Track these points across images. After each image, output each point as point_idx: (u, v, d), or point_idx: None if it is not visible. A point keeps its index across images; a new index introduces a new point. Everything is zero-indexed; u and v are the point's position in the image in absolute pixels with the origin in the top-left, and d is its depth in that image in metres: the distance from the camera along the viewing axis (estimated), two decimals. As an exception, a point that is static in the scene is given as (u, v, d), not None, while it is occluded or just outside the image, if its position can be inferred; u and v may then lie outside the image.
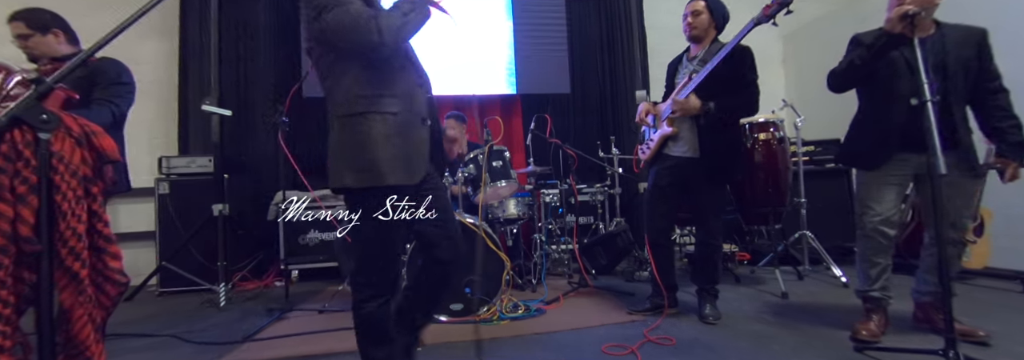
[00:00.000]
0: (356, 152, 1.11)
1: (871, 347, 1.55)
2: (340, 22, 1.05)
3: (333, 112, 1.16)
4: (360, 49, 1.10)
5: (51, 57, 1.81)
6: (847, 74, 1.69)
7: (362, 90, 1.12)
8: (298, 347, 1.86)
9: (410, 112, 1.18)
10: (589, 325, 1.97)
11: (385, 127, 1.12)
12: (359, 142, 1.11)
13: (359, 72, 1.13)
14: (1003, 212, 2.61)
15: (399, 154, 1.12)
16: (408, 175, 1.14)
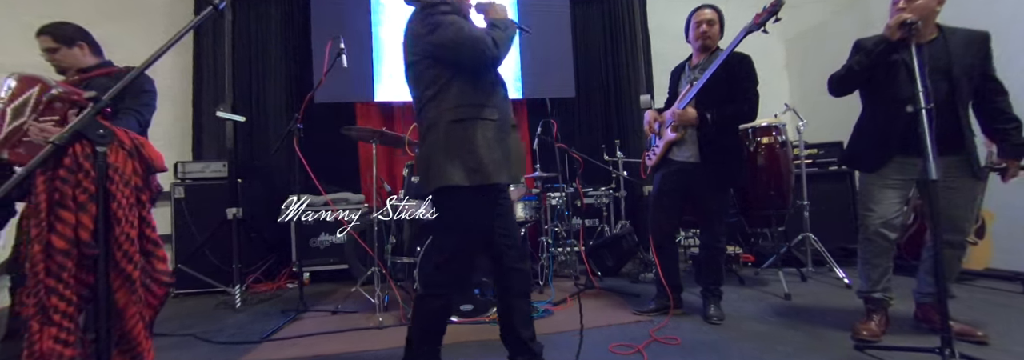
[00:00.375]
0: (464, 154, 1.21)
1: (871, 346, 1.60)
2: (459, 38, 1.20)
3: (439, 118, 1.26)
4: (476, 62, 1.24)
5: (78, 69, 1.88)
6: (847, 79, 1.75)
7: (467, 100, 1.25)
8: (314, 347, 1.92)
9: (504, 120, 1.31)
10: (596, 325, 2.02)
11: (487, 132, 1.24)
12: (467, 145, 1.22)
13: (463, 84, 1.27)
14: (1004, 214, 2.65)
15: (500, 157, 1.26)
16: (509, 176, 1.28)
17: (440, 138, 1.25)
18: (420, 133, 1.33)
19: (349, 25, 3.72)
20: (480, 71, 1.28)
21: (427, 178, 1.27)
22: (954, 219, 1.66)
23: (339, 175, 3.87)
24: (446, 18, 1.23)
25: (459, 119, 1.25)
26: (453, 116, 1.25)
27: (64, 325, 0.73)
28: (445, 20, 1.22)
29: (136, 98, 1.81)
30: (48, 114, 1.52)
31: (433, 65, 1.28)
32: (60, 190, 0.75)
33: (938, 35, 1.69)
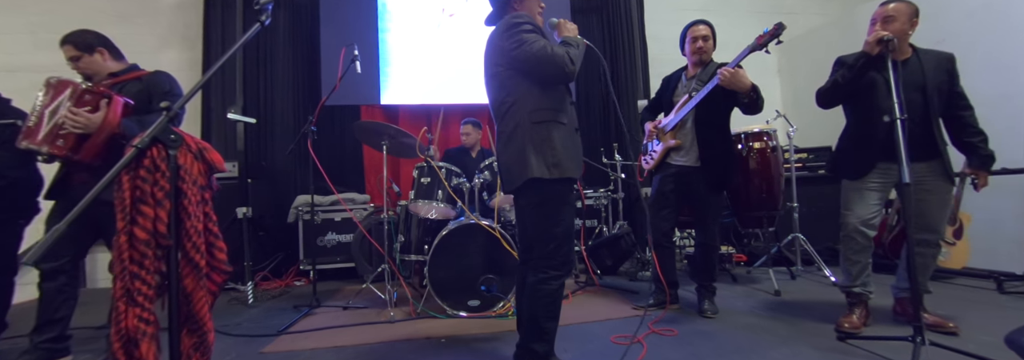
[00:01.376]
0: (546, 150, 1.39)
1: (852, 337, 1.73)
2: (543, 55, 1.36)
3: (523, 120, 1.42)
4: (557, 76, 1.41)
5: (107, 74, 1.96)
6: (832, 92, 1.88)
7: (545, 105, 1.43)
8: (329, 339, 2.02)
9: (572, 123, 1.50)
10: (597, 319, 2.14)
11: (561, 133, 1.42)
12: (548, 143, 1.39)
13: (540, 92, 1.44)
14: (981, 216, 2.80)
15: (573, 154, 1.44)
16: (577, 170, 1.46)
17: (525, 138, 1.41)
18: (502, 135, 1.49)
19: (356, 31, 3.83)
20: (554, 82, 1.45)
21: (515, 172, 1.42)
22: (929, 220, 1.81)
23: (344, 176, 3.97)
24: (531, 36, 1.39)
25: (540, 121, 1.41)
26: (534, 118, 1.41)
27: (146, 306, 0.83)
28: (530, 38, 1.38)
29: (162, 99, 1.90)
30: (81, 105, 1.64)
31: (515, 75, 1.44)
32: (140, 188, 0.85)
33: (912, 54, 1.84)
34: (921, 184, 1.80)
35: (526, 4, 1.53)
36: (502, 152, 1.49)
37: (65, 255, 1.82)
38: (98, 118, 1.67)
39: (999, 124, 2.84)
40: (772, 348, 1.70)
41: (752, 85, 1.92)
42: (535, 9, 1.55)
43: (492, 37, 1.50)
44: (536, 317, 1.38)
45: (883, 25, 1.78)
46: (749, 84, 1.90)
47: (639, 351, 1.69)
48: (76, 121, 1.63)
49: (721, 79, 1.90)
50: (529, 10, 1.52)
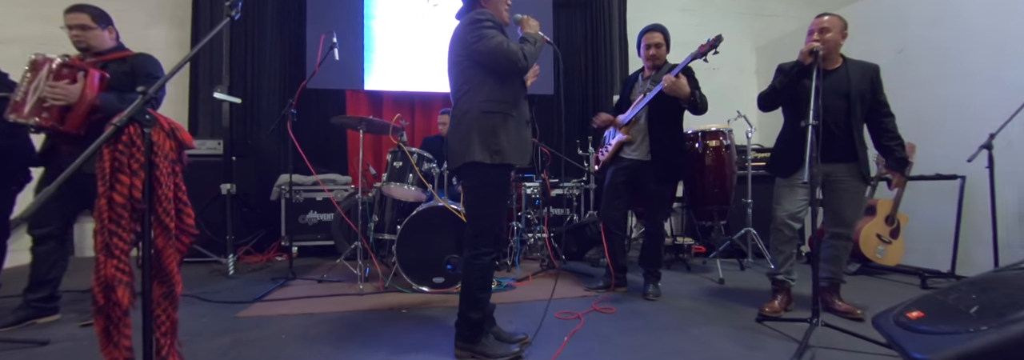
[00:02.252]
0: (490, 138, 1.51)
1: (768, 319, 1.92)
2: (498, 50, 1.49)
3: (471, 108, 1.55)
4: (509, 69, 1.54)
5: (97, 51, 2.06)
6: (770, 97, 2.04)
7: (496, 96, 1.55)
8: (301, 307, 2.20)
9: (521, 115, 1.62)
10: (545, 297, 2.31)
11: (509, 123, 1.55)
12: (492, 131, 1.52)
13: (494, 84, 1.56)
14: (916, 218, 3.01)
15: (516, 144, 1.56)
16: (521, 159, 1.58)
17: (472, 124, 1.54)
18: (454, 118, 1.61)
19: (343, 16, 3.91)
20: (509, 76, 1.58)
21: (457, 154, 1.56)
22: (843, 216, 1.99)
23: (328, 157, 4.10)
24: (490, 32, 1.51)
25: (488, 111, 1.53)
26: (484, 108, 1.54)
27: (122, 259, 0.99)
28: (489, 33, 1.51)
29: (145, 80, 2.01)
30: (60, 79, 1.77)
31: (473, 66, 1.56)
32: (119, 159, 1.00)
33: (842, 64, 1.99)
34: (839, 183, 1.98)
35: (492, 3, 1.65)
36: (451, 134, 1.62)
37: (54, 222, 1.96)
38: (76, 89, 1.79)
39: (950, 130, 3.03)
40: (695, 326, 1.89)
41: (691, 92, 2.09)
42: (500, 7, 1.66)
43: (457, 29, 1.62)
44: (470, 288, 1.55)
45: (819, 35, 1.93)
46: (688, 92, 2.09)
47: (577, 325, 1.88)
48: (55, 93, 1.76)
49: (664, 86, 2.07)
50: (494, 8, 1.64)
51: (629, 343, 1.69)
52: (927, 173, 2.91)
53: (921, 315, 1.17)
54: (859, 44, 3.95)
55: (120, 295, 0.97)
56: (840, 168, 1.97)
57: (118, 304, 0.97)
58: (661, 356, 1.56)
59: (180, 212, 1.09)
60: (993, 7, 2.96)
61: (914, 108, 3.46)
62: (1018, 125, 2.57)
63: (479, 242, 1.55)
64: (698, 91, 2.16)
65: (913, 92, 3.48)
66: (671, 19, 5.01)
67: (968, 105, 3.06)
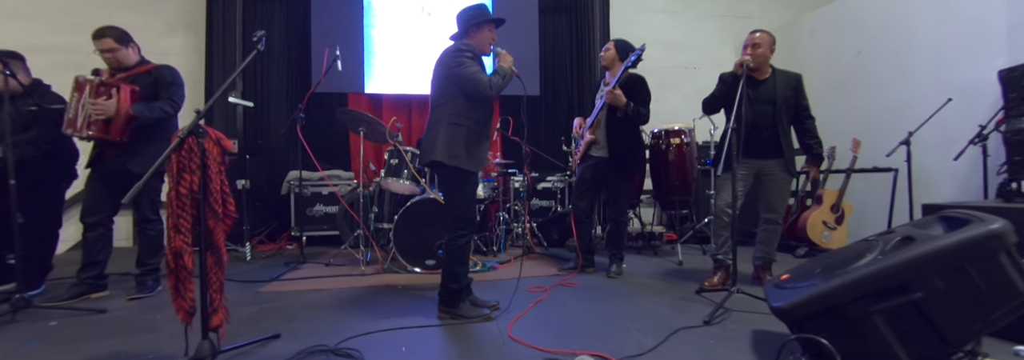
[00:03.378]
0: (452, 144, 1.85)
1: (704, 290, 2.28)
2: (471, 78, 1.84)
3: (442, 118, 1.89)
4: (475, 95, 1.88)
5: (125, 66, 2.38)
6: (711, 102, 2.38)
7: (462, 112, 1.90)
8: (312, 285, 2.57)
9: (482, 131, 1.95)
10: (524, 276, 2.69)
11: (471, 135, 1.89)
12: (455, 139, 1.85)
13: (464, 103, 1.89)
14: (859, 207, 3.35)
15: (472, 152, 1.89)
16: (475, 166, 1.90)
17: (441, 132, 1.89)
18: (429, 122, 1.96)
19: (344, 25, 4.25)
20: (478, 99, 1.91)
21: (425, 153, 1.92)
22: (772, 203, 2.34)
23: (334, 155, 4.46)
24: (468, 61, 1.86)
25: (454, 123, 1.87)
26: (452, 120, 1.88)
27: (186, 234, 1.36)
28: (467, 62, 1.86)
29: (167, 89, 2.34)
30: (98, 96, 2.13)
31: (450, 85, 1.91)
32: (182, 162, 1.36)
33: (771, 74, 2.33)
34: (769, 176, 2.33)
35: (478, 37, 1.98)
36: (424, 136, 1.98)
37: (103, 211, 2.34)
38: (112, 105, 2.15)
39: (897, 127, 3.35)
40: (642, 297, 2.25)
41: (627, 102, 2.45)
42: (484, 41, 1.99)
43: (445, 51, 1.96)
44: (450, 264, 1.90)
45: (751, 50, 2.27)
46: (623, 102, 2.45)
47: (542, 296, 2.25)
48: (97, 109, 2.12)
49: (606, 97, 2.42)
50: (479, 42, 1.97)
51: (580, 308, 2.05)
52: (866, 166, 3.24)
53: (788, 277, 1.53)
54: (822, 47, 4.28)
55: (186, 260, 1.34)
56: (770, 163, 2.31)
57: (185, 267, 1.34)
58: (603, 317, 1.92)
59: (225, 201, 1.46)
60: (935, 14, 3.27)
61: (867, 106, 3.80)
62: (956, 123, 2.87)
63: (457, 226, 1.90)
64: (632, 104, 2.49)
65: (868, 92, 3.80)
66: (654, 21, 5.34)
67: (913, 104, 3.37)
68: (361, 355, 1.49)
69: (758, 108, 2.26)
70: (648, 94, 2.57)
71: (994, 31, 2.79)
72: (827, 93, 4.13)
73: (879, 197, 3.29)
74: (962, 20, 3.06)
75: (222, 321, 1.45)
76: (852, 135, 3.36)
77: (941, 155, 2.87)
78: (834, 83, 4.08)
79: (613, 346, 1.56)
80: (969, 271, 1.18)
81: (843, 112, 3.95)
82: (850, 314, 1.28)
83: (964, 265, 1.18)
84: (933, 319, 1.22)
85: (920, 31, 3.39)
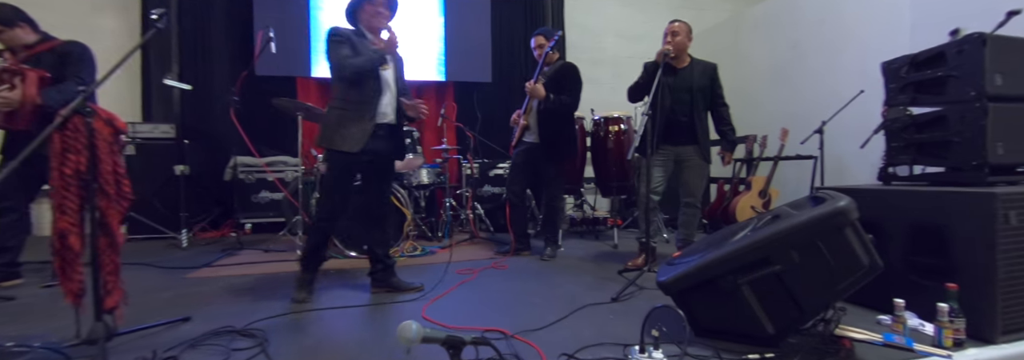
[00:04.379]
0: (325, 127, 1.92)
1: (627, 270, 2.39)
2: (332, 61, 1.89)
3: (329, 104, 1.96)
4: (339, 77, 1.91)
5: (24, 45, 2.22)
6: (635, 90, 2.45)
7: (341, 96, 1.92)
8: (243, 270, 2.56)
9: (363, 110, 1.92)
10: (459, 260, 2.74)
11: (341, 118, 1.89)
12: (328, 122, 1.91)
13: (343, 86, 1.91)
14: (786, 192, 3.54)
15: (345, 134, 1.87)
16: (348, 146, 1.88)
17: (326, 116, 1.94)
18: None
19: (289, 7, 4.12)
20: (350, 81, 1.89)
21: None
22: (690, 188, 2.46)
23: (280, 140, 4.36)
24: (333, 45, 1.88)
25: (332, 106, 1.93)
26: (330, 104, 1.93)
27: (72, 215, 1.33)
28: (331, 46, 1.88)
29: (74, 66, 2.21)
30: (2, 84, 2.01)
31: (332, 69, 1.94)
32: (66, 142, 1.33)
33: (689, 63, 2.41)
34: (688, 162, 2.43)
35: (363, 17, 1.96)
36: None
37: (15, 197, 2.24)
38: (16, 96, 2.04)
39: (828, 118, 3.53)
40: (566, 277, 2.34)
41: (546, 95, 2.54)
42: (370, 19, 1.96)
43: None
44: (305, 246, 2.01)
45: (672, 37, 2.35)
46: (542, 95, 2.54)
47: (469, 277, 2.31)
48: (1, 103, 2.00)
49: (527, 89, 2.52)
50: (366, 22, 1.97)
51: (500, 289, 2.12)
52: (791, 154, 3.42)
53: (679, 254, 1.63)
54: (760, 39, 4.44)
55: (72, 241, 1.32)
56: (688, 149, 2.42)
57: (70, 248, 1.32)
58: (518, 296, 2.00)
59: (119, 182, 1.43)
60: (857, 12, 3.43)
61: (801, 97, 3.98)
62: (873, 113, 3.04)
63: (318, 210, 1.99)
64: (552, 95, 2.57)
65: (801, 83, 3.98)
66: (608, 12, 5.38)
67: (844, 95, 3.54)
68: (265, 335, 1.51)
69: (677, 96, 2.35)
70: (577, 82, 2.62)
71: (901, 29, 2.97)
72: (766, 84, 4.30)
73: (804, 183, 3.49)
74: (879, 18, 3.24)
75: (118, 303, 1.44)
76: (787, 124, 3.52)
77: (856, 143, 3.05)
78: (772, 74, 4.25)
79: (516, 322, 1.63)
80: (819, 245, 1.29)
81: (779, 102, 4.13)
82: (723, 286, 1.39)
83: (815, 240, 1.29)
84: (791, 289, 1.33)
85: (846, 27, 3.56)
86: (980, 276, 1.41)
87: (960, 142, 1.63)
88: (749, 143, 3.63)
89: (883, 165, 1.87)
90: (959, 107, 1.64)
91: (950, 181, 1.70)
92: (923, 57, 1.79)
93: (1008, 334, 1.39)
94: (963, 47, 1.63)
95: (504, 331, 1.52)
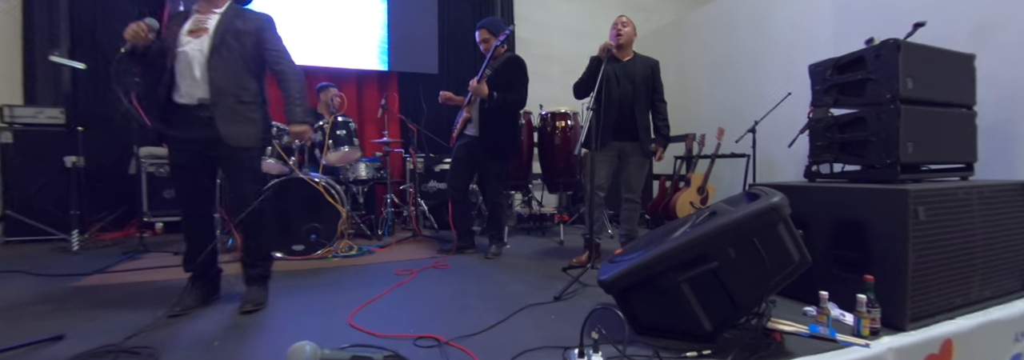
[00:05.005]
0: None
1: (571, 267, 2.36)
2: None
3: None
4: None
5: None
6: (581, 85, 2.42)
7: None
8: (143, 276, 2.24)
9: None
10: (398, 259, 2.59)
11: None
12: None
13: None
14: (722, 189, 3.70)
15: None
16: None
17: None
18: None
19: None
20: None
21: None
22: (631, 183, 2.47)
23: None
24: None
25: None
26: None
27: None
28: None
29: None
30: None
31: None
32: None
33: (632, 57, 2.42)
34: (629, 158, 2.44)
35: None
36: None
37: None
38: None
39: (760, 118, 3.70)
40: (509, 275, 2.26)
41: (489, 93, 2.46)
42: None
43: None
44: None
45: (621, 27, 2.34)
46: (486, 94, 2.47)
47: (406, 279, 2.17)
48: None
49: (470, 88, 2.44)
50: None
51: (438, 291, 2.00)
52: (726, 152, 3.58)
53: (621, 251, 1.60)
54: (700, 42, 4.61)
55: None
56: (628, 145, 2.42)
57: None
58: (456, 298, 1.88)
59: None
60: (785, 18, 3.63)
61: (735, 98, 4.17)
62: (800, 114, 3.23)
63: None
64: (495, 93, 2.49)
65: (735, 85, 4.17)
66: (558, 9, 5.36)
67: (774, 97, 3.75)
68: (156, 352, 1.30)
69: (624, 88, 2.35)
70: (523, 77, 2.55)
71: (825, 37, 3.17)
72: (705, 85, 4.48)
73: (739, 180, 3.65)
74: (804, 25, 3.45)
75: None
76: (724, 124, 3.67)
77: (785, 143, 3.23)
78: (710, 76, 4.43)
79: (453, 326, 1.53)
80: (754, 241, 1.30)
81: (716, 102, 4.31)
82: (662, 284, 1.36)
83: (750, 236, 1.30)
84: (727, 286, 1.33)
85: (776, 33, 3.77)
86: (893, 268, 1.49)
87: (876, 142, 1.73)
88: (688, 141, 3.74)
89: (809, 163, 1.95)
90: (876, 109, 1.73)
91: (866, 178, 1.80)
92: (845, 61, 1.88)
93: (916, 321, 1.49)
94: (880, 52, 1.72)
95: (438, 338, 1.41)
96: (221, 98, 1.67)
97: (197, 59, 1.66)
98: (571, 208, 3.96)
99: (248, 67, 1.75)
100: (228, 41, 1.71)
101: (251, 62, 1.76)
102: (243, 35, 1.74)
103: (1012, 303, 1.72)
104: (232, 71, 1.71)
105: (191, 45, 1.68)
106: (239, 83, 1.72)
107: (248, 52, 1.75)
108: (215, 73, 1.67)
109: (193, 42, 1.69)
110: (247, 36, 1.74)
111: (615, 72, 2.33)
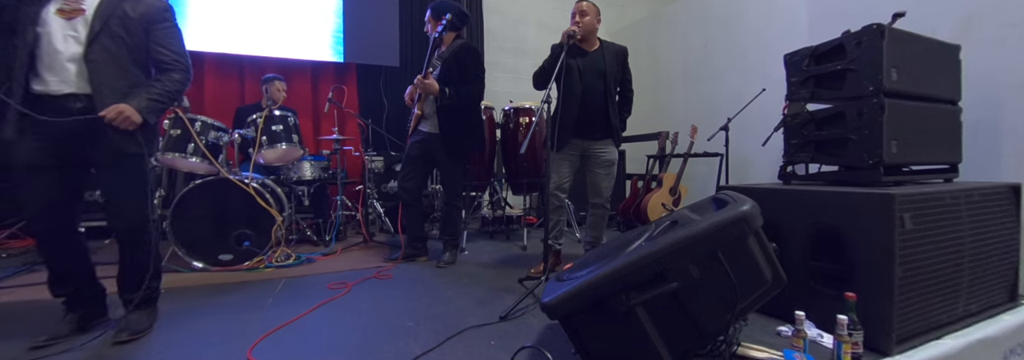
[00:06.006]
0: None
1: (529, 278, 2.13)
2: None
3: None
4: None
5: None
6: (541, 74, 2.18)
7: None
8: (37, 293, 1.92)
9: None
10: (338, 270, 2.33)
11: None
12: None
13: None
14: (695, 189, 3.53)
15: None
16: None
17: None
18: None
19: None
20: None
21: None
22: (599, 187, 2.25)
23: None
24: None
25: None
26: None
27: None
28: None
29: None
30: None
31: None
32: None
33: (599, 46, 2.20)
34: (595, 158, 2.22)
35: None
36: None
37: None
38: None
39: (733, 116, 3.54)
40: (457, 288, 2.02)
41: (441, 89, 2.24)
42: None
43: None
44: None
45: (580, 17, 2.11)
46: (436, 90, 2.24)
47: (338, 293, 1.91)
48: None
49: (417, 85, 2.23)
50: None
51: (375, 307, 1.75)
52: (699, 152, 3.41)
53: (570, 267, 1.38)
54: (674, 38, 4.44)
55: None
56: (598, 144, 2.20)
57: None
58: (388, 319, 1.63)
59: None
60: (761, 12, 3.48)
61: (710, 95, 4.01)
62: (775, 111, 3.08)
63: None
64: (447, 89, 2.26)
65: (710, 82, 4.01)
66: (531, 1, 5.13)
67: (747, 95, 3.59)
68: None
69: (588, 82, 2.13)
70: (478, 67, 2.31)
71: (800, 30, 3.01)
72: (678, 82, 4.31)
73: (711, 180, 3.49)
74: (779, 19, 3.30)
75: None
76: (697, 121, 3.50)
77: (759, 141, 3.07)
78: (684, 72, 4.26)
79: (375, 356, 1.28)
80: (720, 258, 1.09)
81: (690, 99, 4.15)
82: (614, 307, 1.15)
83: (716, 251, 1.09)
84: (689, 310, 1.13)
85: (750, 27, 3.62)
86: (877, 283, 1.31)
87: (857, 140, 1.55)
88: (661, 140, 3.56)
89: (784, 163, 1.77)
90: (857, 103, 1.55)
91: (845, 180, 1.63)
92: (823, 49, 1.69)
93: (902, 343, 1.31)
94: (862, 39, 1.54)
95: (347, 376, 1.16)
96: (102, 96, 1.39)
97: (71, 47, 1.37)
98: (540, 210, 3.74)
99: (136, 59, 1.48)
100: (112, 28, 1.42)
101: (140, 53, 1.48)
102: (130, 22, 1.45)
103: (998, 318, 1.56)
104: (118, 63, 1.43)
105: (62, 28, 1.38)
106: (125, 77, 1.44)
107: (138, 42, 1.47)
108: (95, 65, 1.39)
109: (64, 25, 1.39)
110: (135, 24, 1.45)
111: (579, 66, 2.10)
